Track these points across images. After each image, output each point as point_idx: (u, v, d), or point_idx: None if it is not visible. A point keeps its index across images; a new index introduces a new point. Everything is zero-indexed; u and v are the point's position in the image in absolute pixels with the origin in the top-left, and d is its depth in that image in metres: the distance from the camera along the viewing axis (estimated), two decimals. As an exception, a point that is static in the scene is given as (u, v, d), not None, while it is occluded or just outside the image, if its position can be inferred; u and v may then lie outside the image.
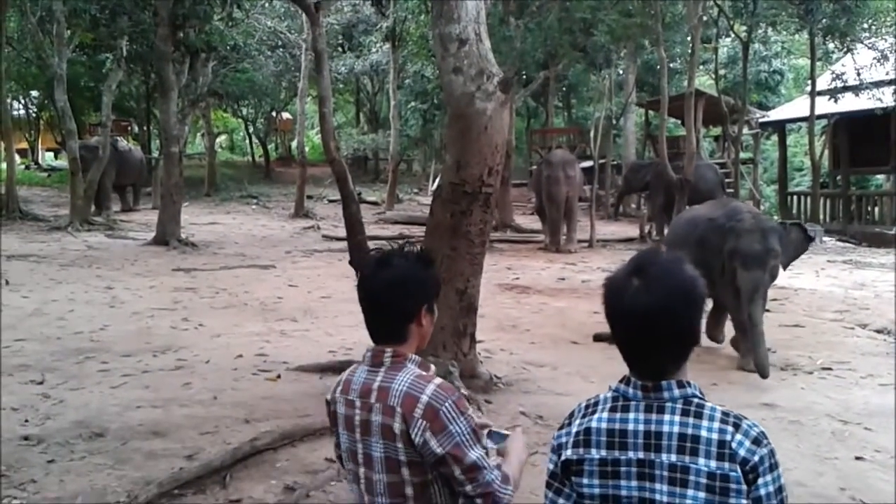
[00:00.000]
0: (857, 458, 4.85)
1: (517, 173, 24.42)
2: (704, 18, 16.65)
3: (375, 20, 23.80)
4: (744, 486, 1.50)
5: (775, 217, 20.09)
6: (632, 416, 1.60)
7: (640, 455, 1.57)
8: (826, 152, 21.68)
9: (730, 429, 1.52)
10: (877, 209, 20.21)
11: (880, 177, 23.86)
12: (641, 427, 1.58)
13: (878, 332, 8.71)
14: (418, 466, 1.81)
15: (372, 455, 1.84)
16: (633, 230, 18.99)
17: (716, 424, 1.53)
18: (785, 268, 7.32)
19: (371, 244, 14.06)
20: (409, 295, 1.91)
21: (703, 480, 1.51)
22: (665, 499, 1.54)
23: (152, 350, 7.07)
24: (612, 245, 16.83)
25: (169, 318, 8.50)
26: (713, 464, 1.51)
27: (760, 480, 1.51)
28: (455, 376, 5.56)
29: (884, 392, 6.47)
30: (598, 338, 7.77)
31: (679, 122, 25.79)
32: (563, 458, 1.65)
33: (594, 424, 1.63)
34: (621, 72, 24.40)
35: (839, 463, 4.73)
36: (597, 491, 1.61)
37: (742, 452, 1.50)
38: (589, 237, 16.40)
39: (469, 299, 5.88)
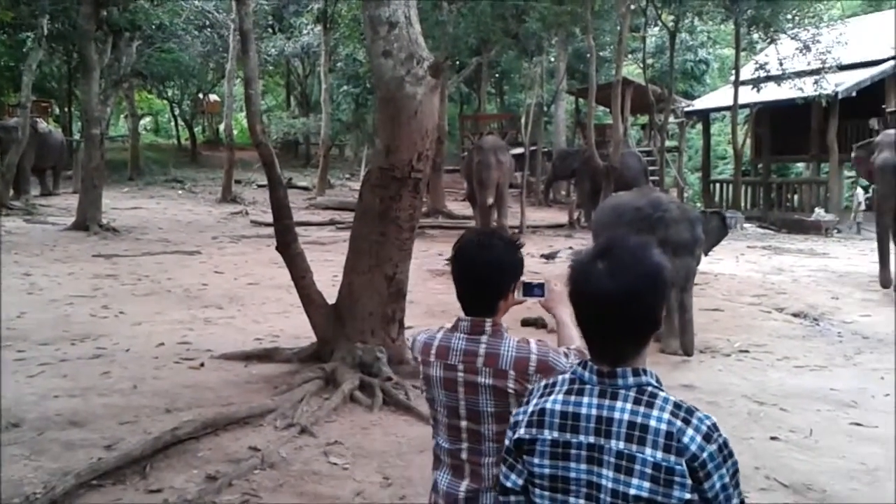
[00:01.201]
0: (772, 438, 5.02)
1: (449, 159, 24.47)
2: (633, 7, 16.90)
3: (306, 1, 23.43)
4: (688, 481, 1.49)
5: (698, 204, 20.69)
6: (585, 399, 1.60)
7: (591, 439, 1.57)
8: (748, 141, 22.38)
9: (679, 423, 1.52)
10: (796, 197, 20.99)
11: (800, 165, 24.78)
12: (594, 412, 1.58)
13: (795, 315, 9.05)
14: None
15: (479, 410, 2.12)
16: (562, 216, 19.25)
17: (665, 416, 1.53)
18: (706, 254, 7.56)
19: (300, 230, 13.91)
20: (504, 275, 2.17)
21: (649, 470, 1.51)
22: (610, 485, 1.55)
23: (71, 338, 6.86)
24: (542, 231, 17.04)
25: (88, 305, 8.25)
26: (659, 455, 1.51)
27: (715, 475, 1.51)
28: (383, 362, 5.56)
29: (798, 374, 6.73)
30: (525, 322, 7.87)
31: (608, 109, 26.21)
32: (516, 435, 1.65)
33: (548, 406, 1.63)
34: (552, 59, 24.61)
35: (755, 443, 4.89)
36: (547, 471, 1.61)
37: (693, 448, 1.50)
38: (519, 223, 16.56)
39: (398, 285, 5.86)
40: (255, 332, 7.32)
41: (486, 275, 2.15)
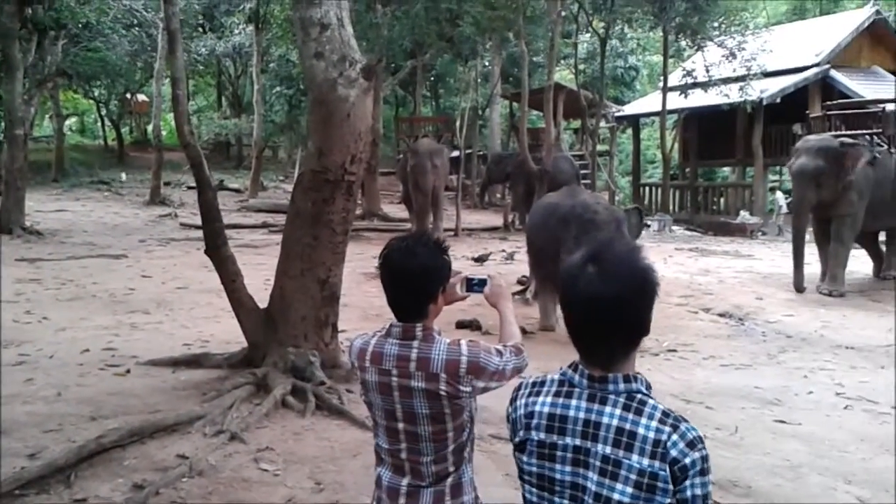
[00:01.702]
0: (699, 436, 5.15)
1: (385, 161, 24.40)
2: (564, 14, 17.14)
3: (238, 1, 23.09)
4: (670, 486, 1.52)
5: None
6: (574, 402, 1.62)
7: (577, 442, 1.59)
8: (677, 146, 22.94)
9: (667, 429, 1.54)
10: (722, 200, 21.60)
11: (726, 169, 25.50)
12: (582, 415, 1.60)
13: (721, 315, 9.30)
14: (459, 414, 2.17)
15: (414, 413, 2.15)
16: (497, 219, 19.40)
17: (654, 423, 1.55)
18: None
19: (232, 232, 13.66)
20: (431, 279, 2.20)
21: (634, 476, 1.53)
22: (594, 488, 1.56)
23: (-9, 345, 6.60)
24: (478, 234, 17.14)
25: (11, 311, 7.97)
26: (645, 461, 1.52)
27: (688, 482, 1.52)
28: (316, 366, 5.50)
29: (724, 372, 6.92)
30: (460, 324, 7.91)
31: (542, 114, 26.52)
32: (517, 438, 1.69)
33: (537, 408, 1.66)
34: (487, 63, 24.79)
35: (682, 440, 5.00)
36: (534, 469, 1.65)
37: (674, 452, 1.52)
38: (455, 226, 16.62)
39: (331, 288, 5.81)
40: (184, 337, 7.18)
41: (413, 280, 2.18)
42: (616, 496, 1.54)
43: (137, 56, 23.70)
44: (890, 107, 12.48)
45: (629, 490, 1.53)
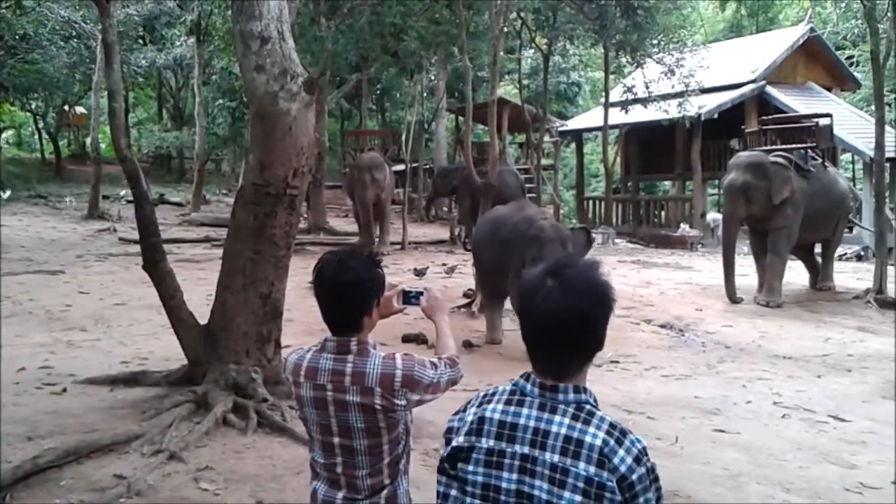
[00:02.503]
0: (640, 446, 5.21)
1: (331, 175, 24.26)
2: (505, 30, 17.31)
3: (179, 13, 22.77)
4: (618, 497, 1.54)
5: (573, 220, 21.39)
6: (525, 411, 1.64)
7: (526, 450, 1.61)
8: (619, 160, 23.32)
9: (612, 442, 1.57)
10: (663, 213, 22.00)
11: (667, 183, 26.01)
12: (532, 423, 1.62)
13: (662, 326, 9.47)
14: (394, 427, 2.21)
15: (350, 427, 2.18)
16: (444, 232, 19.43)
17: (601, 434, 1.58)
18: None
19: (174, 247, 13.38)
20: (365, 292, 2.23)
21: (581, 484, 1.55)
22: (544, 496, 1.58)
23: (-81, 365, 6.34)
24: (424, 247, 17.14)
25: (-60, 329, 7.66)
26: (592, 470, 1.55)
27: (641, 498, 1.56)
28: (258, 383, 5.43)
29: (665, 383, 7.05)
30: (406, 338, 7.90)
31: (487, 128, 26.71)
32: (453, 444, 1.68)
33: (488, 414, 1.66)
34: (433, 78, 24.89)
35: (623, 451, 5.05)
36: (480, 479, 1.64)
37: (622, 469, 1.55)
38: (402, 239, 16.60)
39: (274, 303, 5.74)
40: (122, 354, 7.01)
41: (347, 293, 2.22)
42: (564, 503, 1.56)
43: (76, 68, 23.17)
44: (823, 121, 12.93)
45: (577, 498, 1.55)
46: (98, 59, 19.31)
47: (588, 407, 1.64)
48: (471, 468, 1.66)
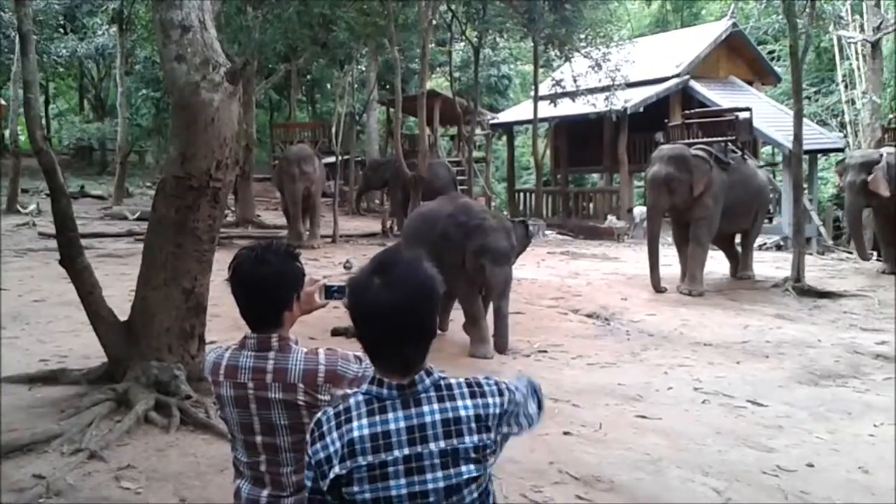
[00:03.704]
0: (565, 433, 5.31)
1: (260, 167, 23.89)
2: (435, 22, 17.32)
3: (101, 1, 22.07)
4: (498, 447, 1.68)
5: (505, 212, 21.55)
6: (391, 415, 1.63)
7: (406, 451, 1.60)
8: (549, 153, 23.60)
9: (479, 400, 1.66)
10: (591, 205, 22.36)
11: (595, 175, 26.44)
12: (402, 424, 1.62)
13: (588, 316, 9.63)
14: None
15: (273, 424, 2.15)
16: (376, 225, 19.35)
17: (468, 401, 1.66)
18: (514, 261, 7.87)
19: (95, 241, 12.99)
20: (283, 287, 2.18)
21: (472, 454, 1.62)
22: (441, 484, 1.60)
23: None
24: (356, 240, 17.04)
25: None
26: (476, 438, 1.63)
27: (520, 414, 1.74)
28: (181, 380, 5.33)
29: (590, 371, 7.18)
30: (335, 332, 7.83)
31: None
32: (331, 476, 1.62)
33: (355, 434, 1.62)
34: (363, 69, 24.72)
35: (549, 438, 5.12)
36: (368, 496, 1.60)
37: (497, 410, 1.67)
38: (332, 232, 16.47)
39: (197, 298, 5.64)
40: (41, 352, 6.80)
41: (265, 287, 2.17)
42: (464, 476, 1.62)
43: (-7, 58, 22.28)
44: (743, 115, 13.30)
45: (472, 466, 1.62)
46: (16, 49, 18.59)
47: (443, 382, 1.69)
48: (356, 488, 1.61)
